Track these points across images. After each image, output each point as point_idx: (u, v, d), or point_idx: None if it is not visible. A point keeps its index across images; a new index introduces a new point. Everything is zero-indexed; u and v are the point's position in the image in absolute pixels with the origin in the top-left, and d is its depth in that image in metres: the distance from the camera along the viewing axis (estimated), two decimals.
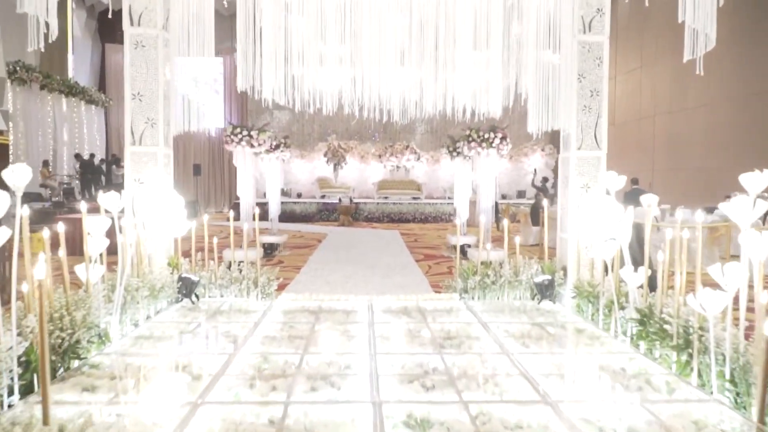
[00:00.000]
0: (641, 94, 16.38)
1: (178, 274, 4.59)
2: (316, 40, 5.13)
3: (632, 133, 16.77)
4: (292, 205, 16.58)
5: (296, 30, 5.05)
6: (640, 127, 16.37)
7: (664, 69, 15.32)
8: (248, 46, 4.91)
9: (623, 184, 4.03)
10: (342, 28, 5.17)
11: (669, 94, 15.25)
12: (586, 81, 4.74)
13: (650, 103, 15.97)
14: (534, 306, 4.59)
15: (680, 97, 14.96)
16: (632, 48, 16.86)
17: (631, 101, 16.90)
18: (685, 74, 15.06)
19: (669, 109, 15.28)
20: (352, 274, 6.93)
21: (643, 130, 16.17)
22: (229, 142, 6.75)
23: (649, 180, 15.51)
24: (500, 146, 6.88)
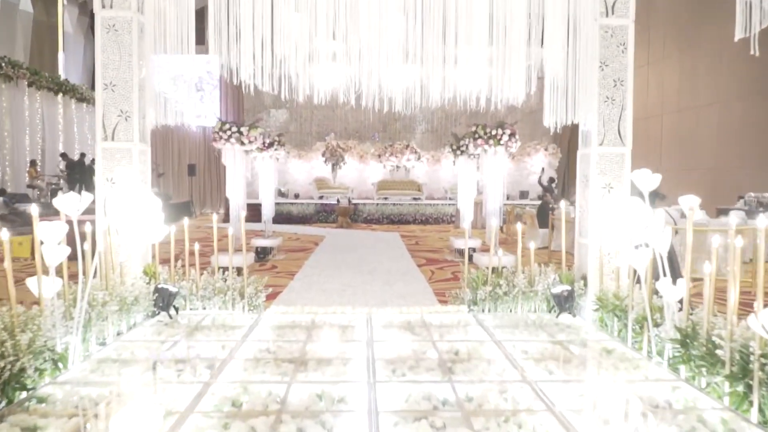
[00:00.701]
0: (648, 92, 15.92)
1: (154, 285, 4.11)
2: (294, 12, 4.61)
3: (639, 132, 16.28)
4: (289, 206, 16.10)
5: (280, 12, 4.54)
6: (647, 126, 15.90)
7: (671, 66, 14.86)
8: (221, 12, 4.41)
9: (657, 184, 3.55)
10: None
11: (677, 91, 14.79)
12: (608, 69, 4.27)
13: (657, 102, 15.51)
14: (552, 320, 4.11)
15: (689, 95, 14.50)
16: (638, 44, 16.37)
17: (638, 99, 16.41)
18: (694, 72, 14.66)
19: (677, 107, 14.82)
20: (349, 281, 6.45)
21: (650, 129, 15.71)
22: (217, 140, 6.28)
23: None
24: (509, 143, 6.42)
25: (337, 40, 4.66)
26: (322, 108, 20.02)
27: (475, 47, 4.38)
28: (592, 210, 4.32)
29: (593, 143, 4.31)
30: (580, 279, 4.37)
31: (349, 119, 20.13)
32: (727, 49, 13.45)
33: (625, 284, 3.92)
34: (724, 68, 13.38)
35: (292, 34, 4.88)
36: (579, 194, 4.56)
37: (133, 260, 4.25)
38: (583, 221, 4.49)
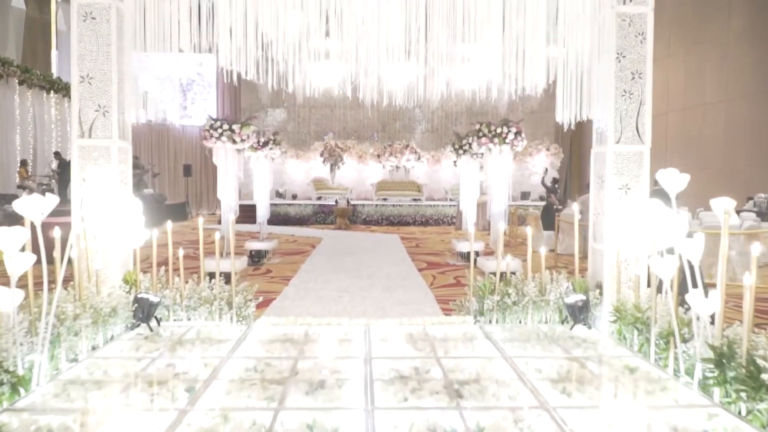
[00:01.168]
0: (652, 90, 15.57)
1: (134, 295, 3.79)
2: None
3: None
4: (286, 207, 15.77)
5: None
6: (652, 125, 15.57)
7: (676, 64, 14.56)
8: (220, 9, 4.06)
9: (685, 185, 3.23)
10: None
11: (683, 90, 14.48)
12: (626, 61, 3.95)
13: (662, 100, 15.19)
14: (565, 332, 3.79)
15: (695, 93, 14.20)
16: None
17: None
18: (700, 69, 14.36)
19: (683, 105, 14.50)
20: (347, 287, 6.13)
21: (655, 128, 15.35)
22: (208, 138, 5.96)
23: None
24: (514, 142, 6.10)
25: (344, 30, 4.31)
26: (320, 107, 19.72)
27: (491, 31, 4.02)
28: (608, 213, 4.00)
29: (609, 141, 3.99)
30: (594, 287, 4.05)
31: (347, 119, 19.82)
32: (734, 47, 13.16)
33: (645, 294, 3.61)
34: (730, 66, 13.08)
35: (291, 31, 4.54)
36: (593, 196, 4.25)
37: (112, 267, 3.93)
38: (597, 225, 4.17)
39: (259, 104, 19.59)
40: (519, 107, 19.72)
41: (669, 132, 14.89)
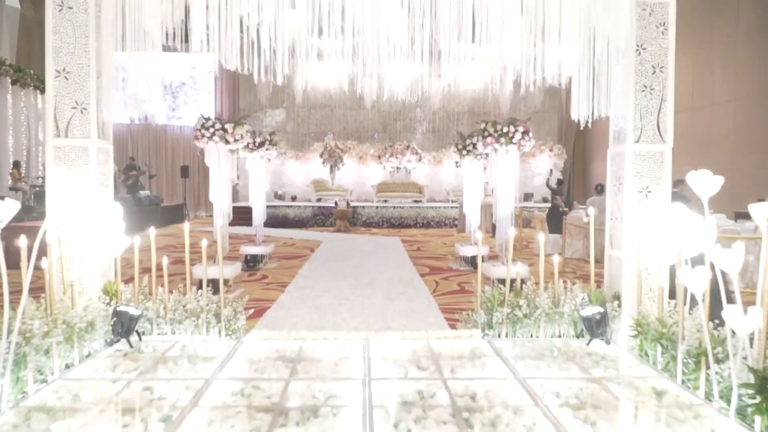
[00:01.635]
0: None
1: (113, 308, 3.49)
2: None
3: None
4: (285, 209, 15.48)
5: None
6: None
7: (683, 62, 14.24)
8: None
9: (718, 188, 2.93)
10: None
11: (690, 89, 14.17)
12: (646, 54, 3.65)
13: None
14: (582, 348, 3.49)
15: (703, 92, 13.89)
16: None
17: None
18: (708, 68, 14.04)
19: (690, 105, 14.19)
20: (346, 294, 5.83)
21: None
22: (199, 138, 5.66)
23: None
24: (522, 142, 5.80)
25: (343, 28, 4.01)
26: (320, 107, 19.44)
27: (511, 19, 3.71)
28: (627, 218, 3.70)
29: (628, 140, 3.69)
30: (612, 298, 3.75)
31: (347, 119, 19.53)
32: (743, 45, 12.85)
33: (669, 306, 3.31)
34: (739, 64, 12.77)
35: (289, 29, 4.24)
36: (610, 199, 3.95)
37: (91, 277, 3.64)
38: (615, 231, 3.87)
39: (258, 104, 19.30)
40: (522, 107, 19.43)
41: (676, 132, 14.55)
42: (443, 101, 19.49)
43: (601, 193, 8.96)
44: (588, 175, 19.84)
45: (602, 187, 9.06)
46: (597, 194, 8.94)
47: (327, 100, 19.41)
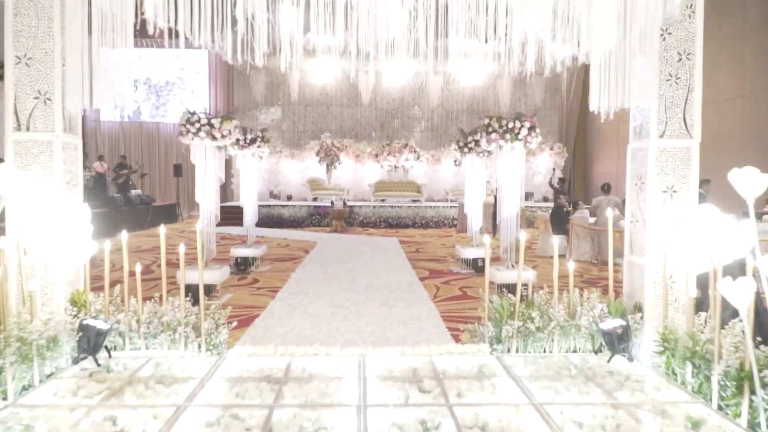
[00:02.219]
0: None
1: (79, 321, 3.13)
2: None
3: None
4: (279, 208, 15.10)
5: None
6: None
7: None
8: None
9: (765, 188, 2.59)
10: None
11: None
12: (672, 39, 3.30)
13: None
14: (602, 365, 3.14)
15: (709, 89, 13.51)
16: None
17: None
18: (715, 65, 13.72)
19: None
20: (341, 301, 5.47)
21: None
22: (184, 134, 5.29)
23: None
24: (528, 138, 5.45)
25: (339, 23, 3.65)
26: (316, 105, 19.07)
27: None
28: (650, 220, 3.35)
29: (652, 134, 3.34)
30: (633, 309, 3.40)
31: (344, 117, 19.16)
32: (750, 40, 12.53)
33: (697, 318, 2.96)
34: (747, 60, 12.44)
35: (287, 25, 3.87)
36: (630, 200, 3.59)
37: (56, 287, 3.27)
38: (636, 235, 3.52)
39: (253, 102, 18.92)
40: (522, 105, 19.08)
41: None
42: (442, 99, 19.14)
43: (608, 192, 8.62)
44: (589, 174, 19.51)
45: (609, 186, 8.72)
46: (604, 194, 8.60)
47: (323, 97, 19.04)
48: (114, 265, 8.28)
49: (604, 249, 8.25)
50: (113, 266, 8.18)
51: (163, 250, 3.39)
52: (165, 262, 3.40)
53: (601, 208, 8.47)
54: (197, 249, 3.39)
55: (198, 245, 3.40)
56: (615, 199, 8.66)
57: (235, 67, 18.60)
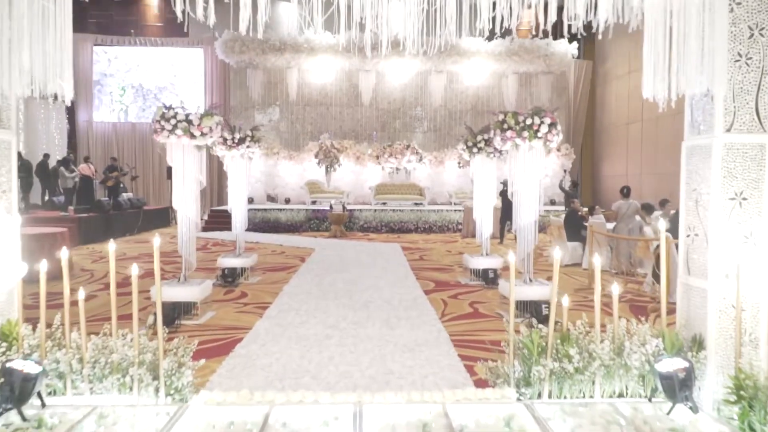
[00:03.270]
0: None
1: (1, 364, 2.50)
2: None
3: (664, 130, 14.72)
4: (276, 212, 14.46)
5: None
6: (675, 123, 14.32)
7: None
8: None
9: None
10: None
11: None
12: (741, 11, 2.67)
13: None
14: (660, 418, 2.50)
15: None
16: None
17: None
18: None
19: None
20: (336, 320, 4.84)
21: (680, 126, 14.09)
22: (158, 131, 4.67)
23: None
24: (548, 136, 4.82)
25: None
26: (315, 105, 18.45)
27: None
28: (713, 235, 2.71)
29: (716, 128, 2.71)
30: (692, 343, 2.76)
31: (344, 117, 18.54)
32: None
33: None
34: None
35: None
36: (686, 209, 2.95)
37: None
38: (694, 252, 2.88)
39: (250, 102, 18.30)
40: (528, 105, 18.42)
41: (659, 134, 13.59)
42: (445, 98, 18.51)
43: (627, 196, 7.98)
44: (597, 176, 18.87)
45: (628, 189, 8.08)
46: (623, 198, 7.95)
47: (323, 97, 18.43)
48: (92, 275, 7.68)
49: (624, 258, 7.61)
50: (91, 276, 7.56)
51: (113, 268, 2.74)
52: (115, 284, 2.76)
53: (621, 213, 7.83)
54: (154, 268, 2.74)
55: (156, 265, 2.75)
56: (635, 203, 8.02)
57: (231, 65, 18.01)
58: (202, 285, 4.92)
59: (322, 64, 17.68)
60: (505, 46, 17.58)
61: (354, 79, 18.30)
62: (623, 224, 7.86)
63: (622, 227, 7.83)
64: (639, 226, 8.00)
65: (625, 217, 7.89)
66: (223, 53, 17.42)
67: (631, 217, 7.97)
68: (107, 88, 18.63)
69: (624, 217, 7.89)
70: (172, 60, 19.04)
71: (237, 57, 17.44)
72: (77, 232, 10.69)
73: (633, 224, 7.96)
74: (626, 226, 7.85)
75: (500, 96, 18.66)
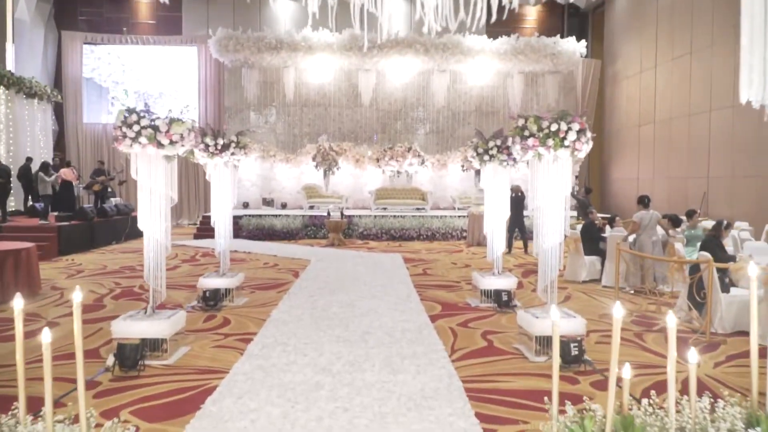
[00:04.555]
0: (691, 84, 13.65)
1: None
2: None
3: (679, 132, 14.02)
4: (272, 219, 13.75)
5: None
6: (690, 125, 13.63)
7: (723, 52, 12.59)
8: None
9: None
10: None
11: (732, 82, 12.49)
12: None
13: (703, 96, 13.23)
14: None
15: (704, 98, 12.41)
16: (678, 27, 14.14)
17: (678, 94, 14.16)
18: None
19: (731, 102, 12.51)
20: (329, 360, 4.16)
21: (695, 129, 13.43)
22: (120, 139, 3.98)
23: (704, 189, 12.85)
24: (577, 145, 4.13)
25: None
26: (313, 106, 17.76)
27: None
28: None
29: None
30: None
31: (343, 118, 17.84)
32: None
33: None
34: None
35: None
36: None
37: None
38: None
39: (245, 103, 17.60)
40: (534, 105, 17.74)
41: (712, 133, 12.94)
42: (448, 99, 17.79)
43: (647, 206, 7.27)
44: (606, 181, 18.16)
45: (648, 199, 7.37)
46: (644, 208, 7.25)
47: (321, 97, 17.72)
48: (62, 294, 6.74)
49: (649, 274, 6.92)
50: (60, 297, 6.62)
51: (20, 334, 2.04)
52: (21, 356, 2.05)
53: (643, 224, 7.13)
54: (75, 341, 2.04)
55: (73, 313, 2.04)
56: (657, 214, 7.33)
57: (226, 65, 17.32)
58: (173, 318, 4.21)
59: (320, 63, 16.99)
60: (511, 44, 16.90)
61: (353, 78, 17.60)
62: (646, 236, 7.16)
63: (645, 240, 7.13)
64: (663, 238, 7.31)
65: (648, 228, 7.20)
66: (217, 52, 16.74)
67: (653, 228, 7.27)
68: (94, 89, 17.95)
69: (647, 229, 7.19)
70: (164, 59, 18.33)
71: (231, 56, 16.75)
72: (56, 242, 10.00)
73: (656, 237, 7.27)
74: (649, 238, 7.15)
75: (505, 96, 17.97)
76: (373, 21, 4.51)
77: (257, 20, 18.15)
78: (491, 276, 6.11)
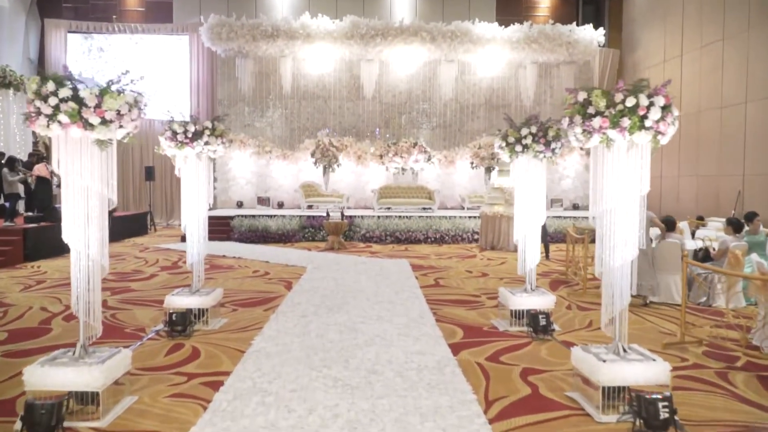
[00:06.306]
0: (723, 75, 12.53)
1: None
2: None
3: (708, 126, 12.90)
4: (266, 220, 12.62)
5: None
6: (722, 118, 12.51)
7: (758, 40, 11.47)
8: None
9: None
10: None
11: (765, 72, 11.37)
12: None
13: (736, 88, 12.10)
14: None
15: (736, 89, 11.26)
16: (708, 15, 13.01)
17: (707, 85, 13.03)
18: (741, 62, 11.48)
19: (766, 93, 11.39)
20: (324, 420, 3.06)
21: (728, 122, 12.30)
22: (33, 117, 2.89)
23: (738, 188, 11.74)
24: (660, 126, 3.03)
25: None
26: (312, 98, 16.64)
27: None
28: None
29: None
30: None
31: (344, 112, 16.73)
32: (755, 45, 10.21)
33: None
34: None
35: None
36: None
37: None
38: None
39: (239, 95, 16.49)
40: (548, 98, 16.61)
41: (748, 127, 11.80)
42: (456, 91, 16.66)
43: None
44: None
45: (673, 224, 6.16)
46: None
47: (320, 89, 16.60)
48: (6, 312, 5.60)
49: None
50: (2, 316, 5.51)
51: None
52: None
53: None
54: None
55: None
56: (651, 214, 6.08)
57: (219, 54, 16.20)
58: (109, 363, 3.10)
59: (320, 52, 15.86)
60: (524, 32, 15.76)
61: (355, 69, 16.47)
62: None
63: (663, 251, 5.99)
64: (680, 242, 6.13)
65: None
66: (209, 40, 15.64)
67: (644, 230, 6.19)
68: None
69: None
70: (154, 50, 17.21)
71: (225, 44, 15.65)
72: (21, 247, 8.91)
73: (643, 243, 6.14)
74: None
75: (517, 88, 16.84)
76: (377, 7, 3.37)
77: (252, 6, 17.03)
78: (523, 293, 5.00)
